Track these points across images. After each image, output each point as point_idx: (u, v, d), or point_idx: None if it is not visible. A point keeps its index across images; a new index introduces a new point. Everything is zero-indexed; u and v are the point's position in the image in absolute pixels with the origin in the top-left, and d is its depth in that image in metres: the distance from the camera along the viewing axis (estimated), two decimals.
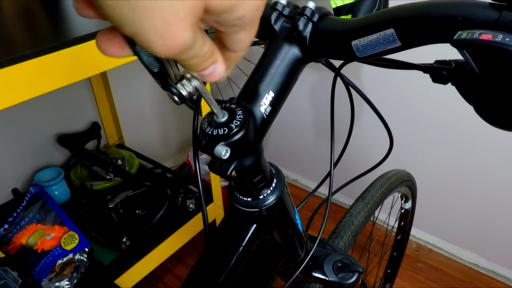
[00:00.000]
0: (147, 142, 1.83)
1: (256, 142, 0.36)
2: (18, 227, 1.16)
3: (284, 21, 0.38)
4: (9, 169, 1.35)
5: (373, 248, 1.32)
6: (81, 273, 1.07)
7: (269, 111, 0.36)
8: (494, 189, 1.37)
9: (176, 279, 1.52)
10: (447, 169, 1.45)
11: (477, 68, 0.27)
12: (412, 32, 0.31)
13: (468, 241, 1.55)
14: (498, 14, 0.27)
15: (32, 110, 1.34)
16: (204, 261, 0.46)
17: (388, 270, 1.24)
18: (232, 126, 0.32)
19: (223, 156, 0.32)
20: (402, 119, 1.44)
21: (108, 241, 1.21)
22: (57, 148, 1.45)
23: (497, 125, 0.30)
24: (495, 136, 1.28)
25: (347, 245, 0.78)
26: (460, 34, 0.27)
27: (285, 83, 0.37)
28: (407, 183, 0.98)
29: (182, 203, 1.38)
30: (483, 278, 1.51)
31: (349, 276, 0.59)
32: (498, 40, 0.25)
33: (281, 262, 0.55)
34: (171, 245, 1.31)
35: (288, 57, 0.37)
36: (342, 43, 0.35)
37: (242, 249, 0.45)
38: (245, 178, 0.39)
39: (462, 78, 0.33)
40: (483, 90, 0.29)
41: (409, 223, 1.12)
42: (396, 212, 1.10)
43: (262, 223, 0.46)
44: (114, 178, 1.39)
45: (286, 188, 0.44)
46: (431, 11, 0.30)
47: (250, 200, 0.42)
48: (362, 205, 0.85)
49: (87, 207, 1.29)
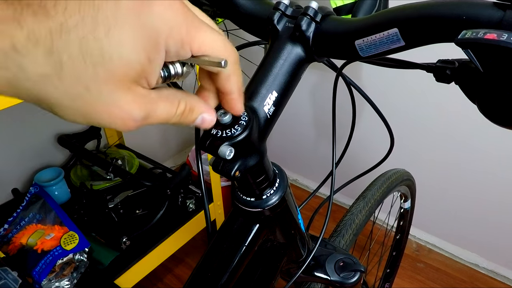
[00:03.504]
0: (147, 142, 1.83)
1: (260, 142, 0.36)
2: (18, 227, 1.16)
3: (287, 21, 0.38)
4: (9, 169, 1.35)
5: (372, 247, 1.32)
6: (81, 273, 1.07)
7: (273, 111, 0.36)
8: (494, 189, 1.37)
9: (176, 279, 1.52)
10: (447, 169, 1.45)
11: (481, 67, 0.27)
12: (416, 32, 0.31)
13: (468, 241, 1.55)
14: (503, 13, 0.27)
15: (32, 110, 1.33)
16: (207, 261, 0.46)
17: (388, 269, 1.24)
18: (237, 126, 0.32)
19: (227, 157, 0.32)
20: (402, 118, 1.45)
21: (108, 241, 1.21)
22: (57, 148, 1.45)
23: (501, 124, 0.30)
24: (495, 136, 1.28)
25: (348, 244, 0.78)
26: (465, 34, 0.27)
27: (288, 83, 0.37)
28: (407, 182, 0.99)
29: (182, 203, 1.38)
30: (483, 278, 1.51)
31: (351, 276, 0.59)
32: (503, 39, 0.25)
33: (283, 262, 0.55)
34: (171, 245, 1.31)
35: (291, 57, 0.37)
36: (345, 42, 0.35)
37: (245, 249, 0.45)
38: (249, 178, 0.39)
39: (465, 77, 0.34)
40: (487, 89, 0.29)
41: (408, 222, 1.13)
42: (395, 211, 1.10)
43: (265, 223, 0.45)
44: (114, 178, 1.39)
45: (289, 188, 0.44)
46: (436, 10, 0.30)
47: (253, 200, 0.42)
48: (363, 204, 0.85)
49: (87, 207, 1.29)
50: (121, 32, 0.21)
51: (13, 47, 0.19)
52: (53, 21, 0.20)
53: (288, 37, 0.37)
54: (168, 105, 0.24)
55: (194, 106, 0.26)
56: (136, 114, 0.22)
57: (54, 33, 0.20)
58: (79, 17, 0.20)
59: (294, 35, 0.37)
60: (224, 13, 0.44)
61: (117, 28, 0.21)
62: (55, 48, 0.20)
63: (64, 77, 0.20)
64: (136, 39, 0.21)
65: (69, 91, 0.21)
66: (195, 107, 0.26)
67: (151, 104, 0.23)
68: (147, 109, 0.23)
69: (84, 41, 0.20)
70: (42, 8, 0.20)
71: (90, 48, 0.20)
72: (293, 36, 0.37)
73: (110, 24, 0.20)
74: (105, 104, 0.21)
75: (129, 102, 0.22)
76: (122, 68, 0.21)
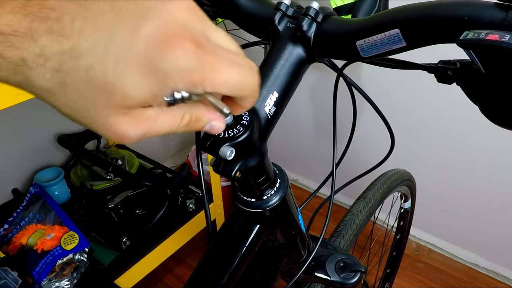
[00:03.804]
0: (147, 142, 1.83)
1: (261, 143, 0.36)
2: (18, 227, 1.16)
3: (288, 21, 0.38)
4: (9, 169, 1.35)
5: (372, 248, 1.32)
6: (81, 273, 1.07)
7: (274, 112, 0.36)
8: (494, 189, 1.37)
9: (176, 279, 1.52)
10: (447, 169, 1.45)
11: (483, 68, 0.27)
12: (418, 32, 0.31)
13: (468, 241, 1.55)
14: (505, 14, 0.27)
15: (32, 110, 1.33)
16: (207, 261, 0.46)
17: (388, 269, 1.24)
18: (238, 127, 0.32)
19: (228, 157, 0.31)
20: (403, 119, 1.45)
21: (108, 241, 1.21)
22: (57, 148, 1.45)
23: (503, 125, 0.30)
24: (495, 137, 1.28)
25: (349, 245, 0.78)
26: (467, 34, 0.27)
27: (289, 84, 0.37)
28: (407, 182, 0.99)
29: (182, 203, 1.38)
30: (483, 278, 1.51)
31: (351, 276, 0.59)
32: (505, 40, 0.25)
33: (284, 262, 0.55)
34: (171, 245, 1.31)
35: (292, 57, 0.37)
36: (346, 43, 0.35)
37: (245, 249, 0.45)
38: (249, 178, 0.39)
39: (467, 78, 0.33)
40: (489, 90, 0.29)
41: (409, 222, 1.12)
42: (395, 211, 1.10)
43: (266, 224, 0.45)
44: (114, 178, 1.39)
45: (290, 188, 0.44)
46: (437, 11, 0.29)
47: (254, 200, 0.42)
48: (363, 204, 0.85)
49: (87, 207, 1.29)
50: (128, 69, 0.21)
51: (23, 60, 0.19)
52: (67, 42, 0.20)
53: (289, 38, 0.37)
54: (171, 119, 0.24)
55: (201, 116, 0.25)
56: (131, 133, 0.23)
57: (65, 55, 0.20)
58: (92, 43, 0.20)
59: (295, 36, 0.37)
60: (225, 13, 0.44)
61: (125, 64, 0.21)
62: (63, 69, 0.20)
63: (66, 94, 0.21)
64: (144, 76, 0.21)
65: (70, 105, 0.21)
66: (202, 116, 0.26)
67: (148, 123, 0.23)
68: (143, 128, 0.23)
69: (92, 69, 0.20)
70: (59, 25, 0.19)
71: (95, 76, 0.20)
72: (294, 37, 0.37)
73: (120, 58, 0.20)
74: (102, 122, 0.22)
75: (126, 123, 0.22)
76: (122, 100, 0.21)
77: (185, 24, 0.22)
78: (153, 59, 0.21)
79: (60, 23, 0.19)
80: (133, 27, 0.21)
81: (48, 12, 0.19)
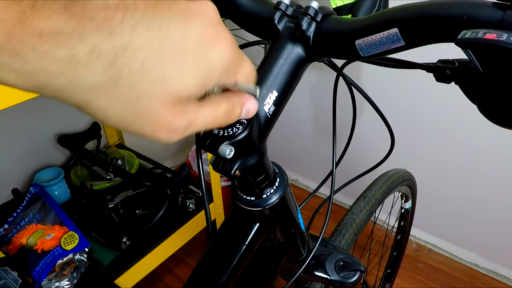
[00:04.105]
0: (147, 142, 1.82)
1: (260, 142, 0.36)
2: (18, 227, 1.16)
3: (288, 21, 0.38)
4: (9, 169, 1.35)
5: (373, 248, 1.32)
6: (81, 273, 1.07)
7: (273, 111, 0.36)
8: (495, 189, 1.37)
9: (176, 279, 1.52)
10: (447, 169, 1.45)
11: (481, 67, 0.27)
12: (416, 32, 0.31)
13: (468, 241, 1.55)
14: (502, 13, 0.27)
15: (32, 110, 1.34)
16: (207, 260, 0.46)
17: (388, 270, 1.24)
18: (237, 125, 0.32)
19: (227, 156, 0.32)
20: (403, 118, 1.45)
21: (108, 241, 1.21)
22: (57, 148, 1.45)
23: (501, 124, 0.30)
24: (495, 136, 1.28)
25: (349, 244, 0.78)
26: (465, 34, 0.27)
27: (289, 83, 0.37)
28: (408, 182, 0.99)
29: (182, 203, 1.38)
30: (483, 278, 1.51)
31: (351, 275, 0.59)
32: (503, 39, 0.25)
33: (283, 261, 0.55)
34: (171, 245, 1.31)
35: (292, 57, 0.37)
36: (346, 42, 0.35)
37: (245, 248, 0.45)
38: (249, 177, 0.39)
39: (465, 77, 0.34)
40: (487, 89, 0.29)
41: (409, 223, 1.12)
42: (396, 212, 1.10)
43: (265, 222, 0.46)
44: (114, 178, 1.39)
45: (289, 187, 0.44)
46: (435, 10, 0.30)
47: (253, 199, 0.42)
48: (364, 203, 0.85)
49: (87, 207, 1.29)
50: (186, 61, 0.22)
51: (72, 57, 0.19)
52: (120, 39, 0.20)
53: (288, 37, 0.37)
54: (211, 109, 0.25)
55: (235, 101, 0.27)
56: (177, 124, 0.23)
57: (119, 50, 0.20)
58: (146, 39, 0.21)
59: (295, 35, 0.37)
60: (225, 12, 0.44)
61: (183, 56, 0.22)
62: (118, 62, 0.20)
63: (119, 87, 0.21)
64: (197, 70, 0.23)
65: (121, 99, 0.21)
66: (236, 101, 0.27)
67: (190, 114, 0.24)
68: (188, 119, 0.24)
69: (148, 61, 0.21)
70: (108, 23, 0.20)
71: (152, 68, 0.21)
72: (293, 36, 0.37)
73: (177, 50, 0.22)
74: (151, 116, 0.22)
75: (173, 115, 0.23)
76: (177, 92, 0.22)
77: (219, 22, 0.24)
78: (202, 54, 0.23)
79: (108, 23, 0.20)
80: (183, 25, 0.22)
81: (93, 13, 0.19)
